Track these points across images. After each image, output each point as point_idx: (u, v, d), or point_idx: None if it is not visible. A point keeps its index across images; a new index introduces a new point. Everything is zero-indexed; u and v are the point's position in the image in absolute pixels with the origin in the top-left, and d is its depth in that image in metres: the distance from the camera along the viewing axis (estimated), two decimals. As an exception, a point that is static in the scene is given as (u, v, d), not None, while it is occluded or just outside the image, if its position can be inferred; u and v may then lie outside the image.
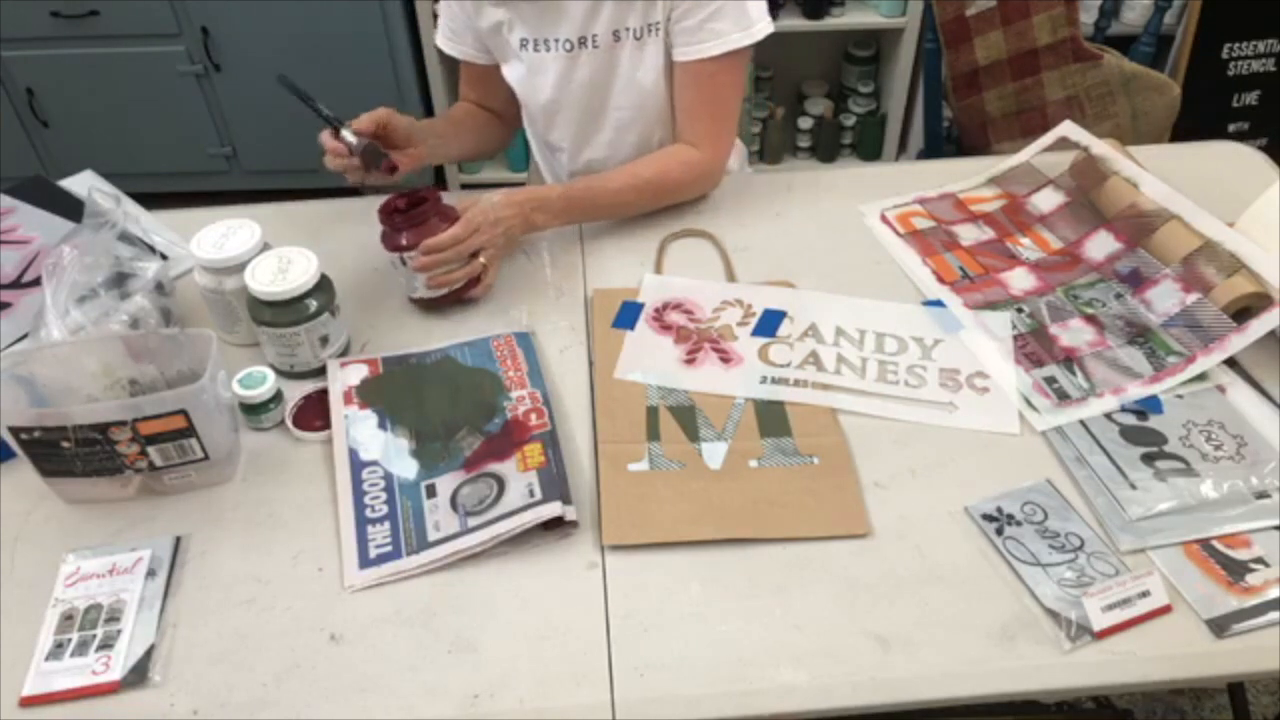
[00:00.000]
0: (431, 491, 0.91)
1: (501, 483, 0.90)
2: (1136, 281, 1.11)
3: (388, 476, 0.93)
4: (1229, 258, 1.06)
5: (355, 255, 1.19)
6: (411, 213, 1.08)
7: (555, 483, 0.89)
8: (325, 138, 1.12)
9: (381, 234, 1.10)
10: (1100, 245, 1.16)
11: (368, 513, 0.89)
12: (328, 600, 0.83)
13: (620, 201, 1.19)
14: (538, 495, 0.88)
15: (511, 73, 1.25)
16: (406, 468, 0.93)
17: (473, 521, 0.88)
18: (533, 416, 0.95)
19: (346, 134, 1.10)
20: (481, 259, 1.08)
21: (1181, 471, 0.91)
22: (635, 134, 1.27)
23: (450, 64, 2.47)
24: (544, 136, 1.33)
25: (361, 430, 0.97)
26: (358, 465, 0.94)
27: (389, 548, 0.87)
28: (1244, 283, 1.03)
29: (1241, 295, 1.02)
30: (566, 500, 0.87)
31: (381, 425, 0.97)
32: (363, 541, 0.87)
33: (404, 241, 1.08)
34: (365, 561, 0.86)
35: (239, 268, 1.00)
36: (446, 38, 1.28)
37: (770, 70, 2.63)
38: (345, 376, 1.02)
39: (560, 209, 1.15)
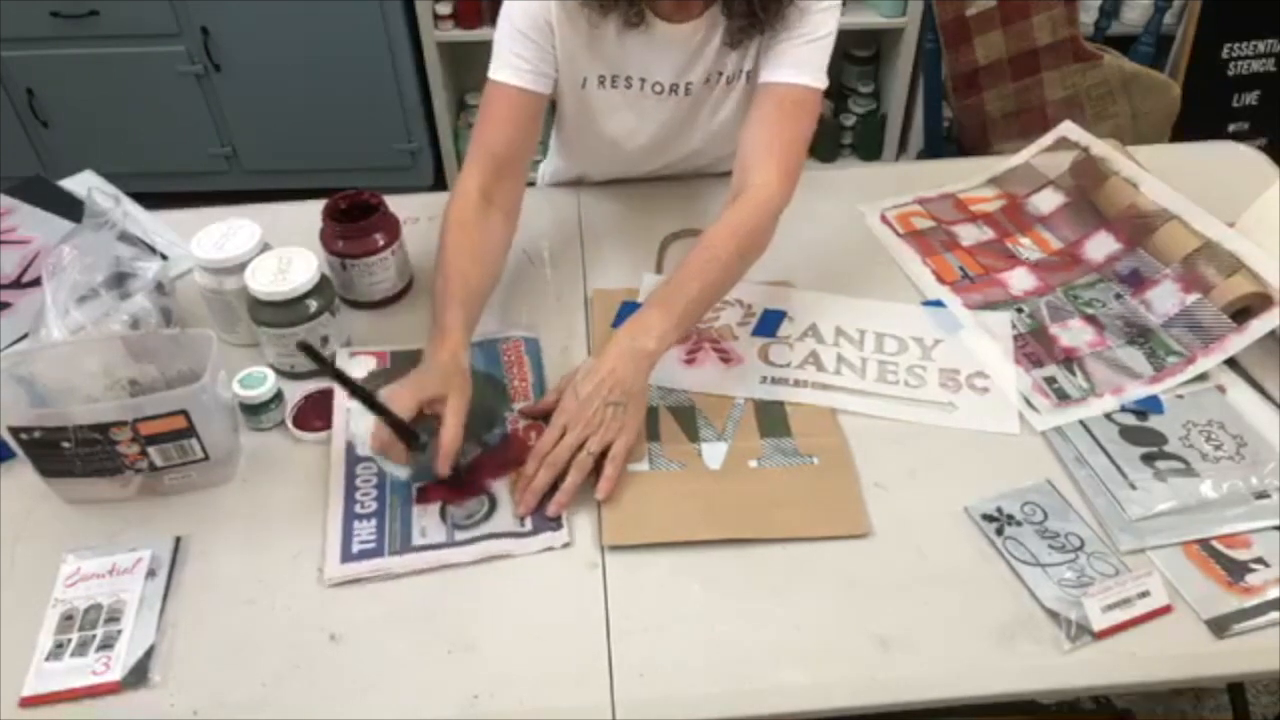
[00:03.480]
0: (422, 496, 0.91)
1: (493, 501, 0.90)
2: (1136, 282, 1.11)
3: (381, 474, 0.93)
4: (1229, 258, 1.06)
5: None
6: (357, 222, 1.08)
7: (544, 512, 0.89)
8: (390, 444, 0.88)
9: (320, 231, 1.09)
10: (1100, 246, 1.16)
11: (357, 508, 0.90)
12: (328, 600, 0.83)
13: (726, 279, 1.01)
14: (527, 525, 0.88)
15: (569, 106, 1.17)
16: (400, 468, 0.93)
17: (460, 535, 0.88)
18: (533, 434, 0.95)
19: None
20: (592, 448, 0.89)
21: (1181, 472, 0.91)
22: (695, 170, 1.28)
23: (451, 63, 2.49)
24: (588, 159, 1.29)
25: (362, 425, 0.96)
26: (353, 459, 0.94)
27: (372, 544, 0.87)
28: (1244, 283, 1.03)
29: (1241, 295, 1.02)
30: (557, 527, 0.88)
31: (382, 423, 0.97)
32: (347, 535, 0.87)
33: (340, 248, 1.08)
34: (347, 555, 0.86)
35: (239, 268, 1.00)
36: (528, 74, 1.05)
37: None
38: (352, 368, 1.02)
39: (670, 323, 0.95)
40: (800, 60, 1.04)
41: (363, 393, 0.85)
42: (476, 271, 0.99)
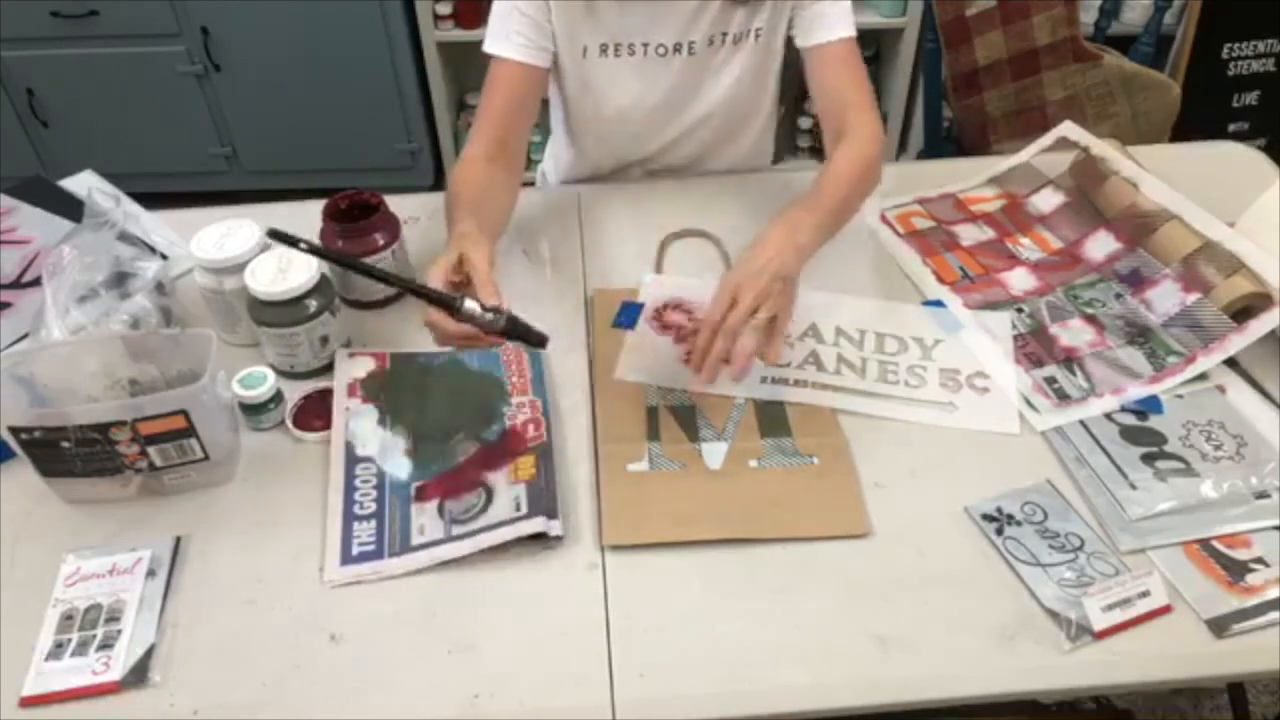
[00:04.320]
0: (420, 494, 0.91)
1: (490, 493, 0.90)
2: (1136, 281, 1.11)
3: (380, 474, 0.93)
4: (1229, 258, 1.06)
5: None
6: (357, 222, 1.08)
7: (541, 497, 0.88)
8: (436, 318, 0.89)
9: (320, 230, 1.10)
10: (1100, 245, 1.16)
11: (356, 509, 0.90)
12: (328, 600, 0.83)
13: (850, 203, 1.06)
14: (523, 509, 0.88)
15: (571, 83, 1.19)
16: (399, 466, 0.93)
17: (457, 530, 0.88)
18: (530, 428, 0.95)
19: (471, 306, 0.88)
20: (762, 315, 0.90)
21: (1181, 471, 0.91)
22: (706, 141, 1.28)
23: (451, 63, 2.49)
24: (598, 140, 1.29)
25: (361, 425, 0.97)
26: (352, 460, 0.94)
27: (372, 546, 0.87)
28: (1244, 283, 1.03)
29: (1241, 295, 1.02)
30: (552, 515, 0.87)
31: (381, 422, 0.97)
32: (347, 537, 0.87)
33: (340, 247, 1.08)
34: (347, 558, 0.86)
35: (239, 268, 1.00)
36: (525, 48, 1.09)
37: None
38: (352, 369, 1.02)
39: (817, 222, 0.99)
40: (836, 18, 1.12)
41: (369, 269, 0.90)
42: (487, 201, 1.03)
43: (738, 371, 0.90)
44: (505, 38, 1.08)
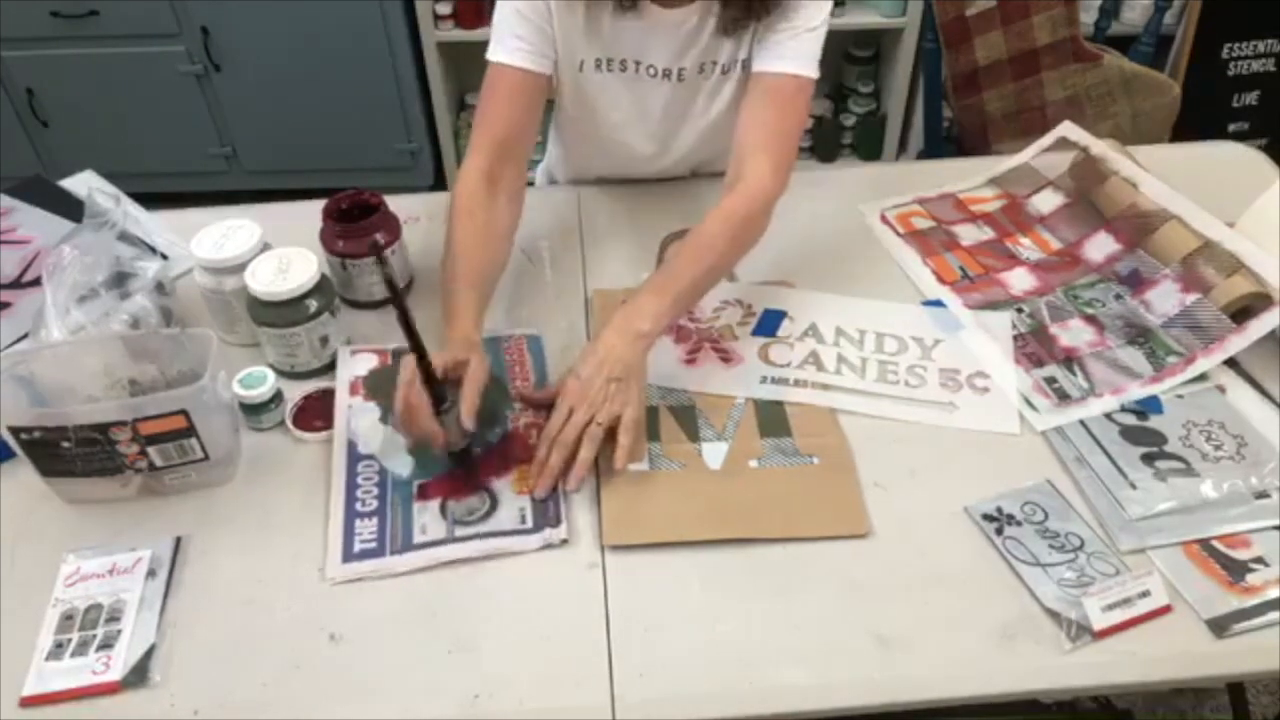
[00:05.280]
0: (422, 493, 0.91)
1: (494, 499, 0.90)
2: (1136, 282, 1.11)
3: (382, 472, 0.93)
4: (1229, 258, 1.06)
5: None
6: (357, 222, 1.08)
7: (547, 511, 0.89)
8: (416, 401, 0.87)
9: (320, 231, 1.09)
10: (1100, 246, 1.16)
11: (358, 506, 0.90)
12: (328, 600, 0.83)
13: (716, 270, 1.02)
14: (528, 523, 0.88)
15: (568, 92, 1.17)
16: (401, 465, 0.93)
17: (460, 531, 0.88)
18: (534, 432, 0.95)
19: (460, 418, 0.88)
20: (599, 424, 0.90)
21: (1181, 471, 0.91)
22: (697, 161, 1.28)
23: (451, 63, 2.49)
24: (590, 150, 1.28)
25: (363, 422, 0.97)
26: (354, 458, 0.94)
27: (374, 544, 0.87)
28: (1244, 283, 1.03)
29: (1241, 295, 1.02)
30: (556, 523, 0.88)
31: (383, 419, 0.97)
32: (349, 535, 0.87)
33: (340, 248, 1.08)
34: (349, 555, 0.86)
35: (239, 268, 1.00)
36: (528, 54, 1.06)
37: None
38: (354, 366, 1.03)
39: (663, 306, 0.96)
40: (794, 51, 1.06)
41: (410, 330, 0.84)
42: (485, 256, 1.01)
43: (574, 482, 0.90)
44: (505, 43, 1.06)
